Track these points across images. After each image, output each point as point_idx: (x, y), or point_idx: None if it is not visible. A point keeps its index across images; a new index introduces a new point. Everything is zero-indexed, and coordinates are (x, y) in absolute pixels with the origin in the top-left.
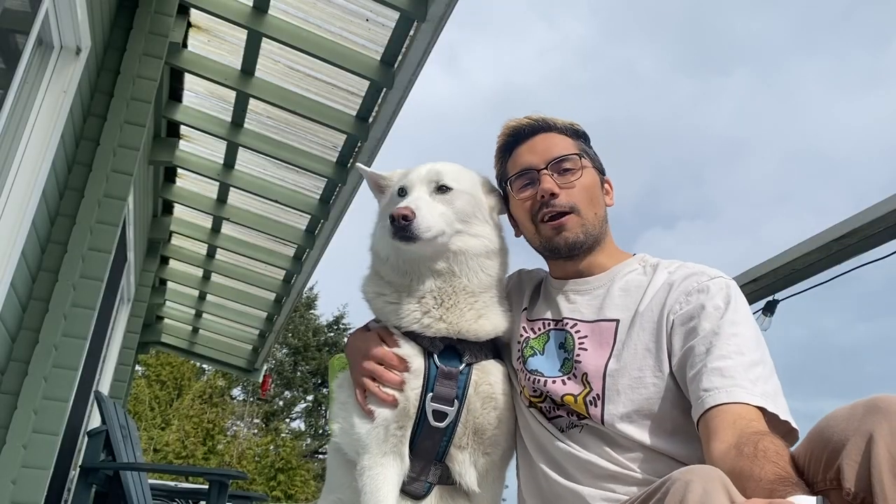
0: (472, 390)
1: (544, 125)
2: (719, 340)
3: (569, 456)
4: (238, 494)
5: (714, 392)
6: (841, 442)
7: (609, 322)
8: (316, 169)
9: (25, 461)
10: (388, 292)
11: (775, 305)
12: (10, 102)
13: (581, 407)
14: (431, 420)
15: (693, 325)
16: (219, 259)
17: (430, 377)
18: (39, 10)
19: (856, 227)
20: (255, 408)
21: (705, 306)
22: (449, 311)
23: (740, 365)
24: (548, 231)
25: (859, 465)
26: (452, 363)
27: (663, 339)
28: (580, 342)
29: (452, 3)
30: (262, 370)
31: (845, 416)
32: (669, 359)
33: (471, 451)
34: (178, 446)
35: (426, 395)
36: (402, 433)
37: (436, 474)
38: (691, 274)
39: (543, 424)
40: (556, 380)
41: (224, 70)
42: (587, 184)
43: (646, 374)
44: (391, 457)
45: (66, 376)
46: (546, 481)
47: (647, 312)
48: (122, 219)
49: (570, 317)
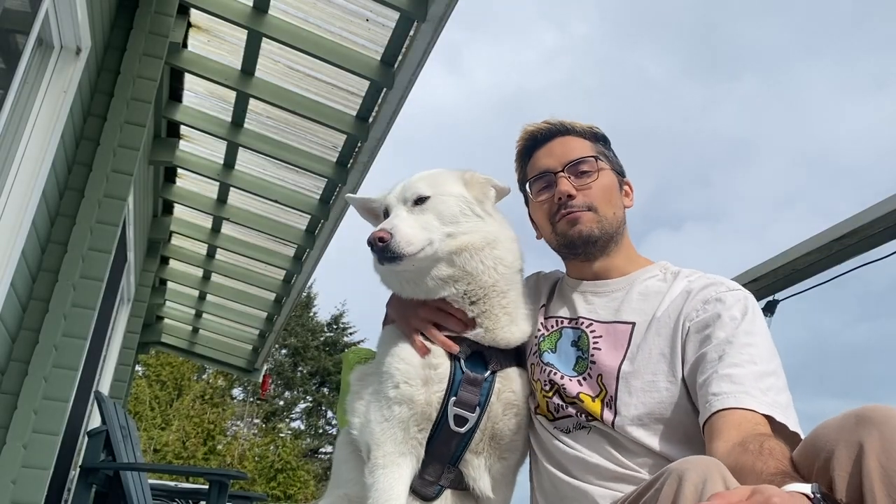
0: (495, 398)
1: (562, 129)
2: (732, 349)
3: (575, 459)
4: (238, 495)
5: (722, 397)
6: (831, 452)
7: (625, 324)
8: (316, 169)
9: (25, 461)
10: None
11: (775, 305)
12: (10, 102)
13: (596, 408)
14: (452, 425)
15: (708, 332)
16: (219, 259)
17: (455, 381)
18: (39, 10)
19: (856, 227)
20: (255, 408)
21: (721, 315)
22: (485, 316)
23: (751, 374)
24: (563, 225)
25: (850, 476)
26: (478, 369)
27: (678, 345)
28: (594, 342)
29: (452, 3)
30: (263, 370)
31: (836, 426)
32: (683, 365)
33: (486, 456)
34: (179, 446)
35: (449, 398)
36: (422, 435)
37: (448, 478)
38: (710, 284)
39: (548, 429)
40: (571, 378)
41: (224, 70)
42: (604, 185)
43: (659, 379)
44: (407, 457)
45: (66, 376)
46: (551, 482)
47: (664, 318)
48: (122, 219)
49: (585, 316)
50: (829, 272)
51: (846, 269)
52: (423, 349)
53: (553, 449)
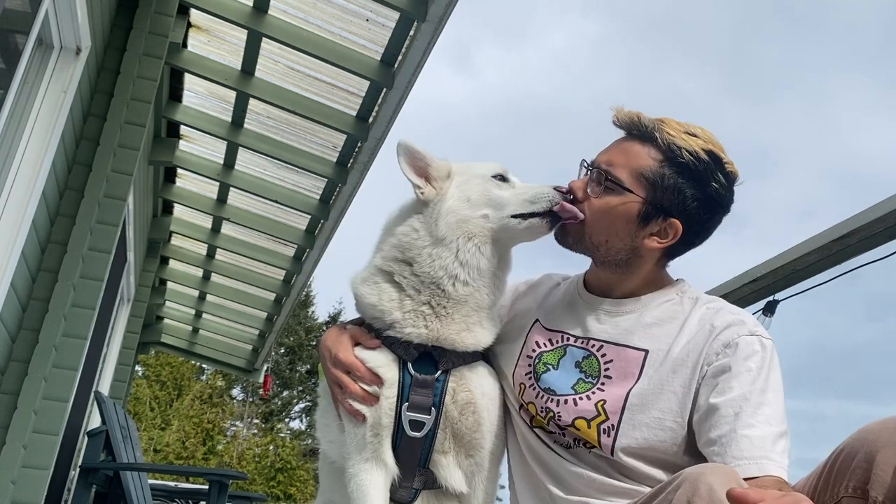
0: (450, 398)
1: (637, 132)
2: (748, 406)
3: (576, 474)
4: (238, 495)
5: (744, 463)
6: (872, 453)
7: (637, 351)
8: (316, 169)
9: (25, 461)
10: (392, 292)
11: (775, 305)
12: (10, 102)
13: (592, 435)
14: (408, 430)
15: (722, 382)
16: (219, 259)
17: (405, 386)
18: (39, 10)
19: (856, 227)
20: (255, 408)
21: (738, 366)
22: (440, 320)
23: (769, 436)
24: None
25: (890, 477)
26: (428, 370)
27: (693, 387)
28: (605, 368)
29: (452, 3)
30: (263, 370)
31: (878, 428)
32: (693, 410)
33: (454, 454)
34: (178, 446)
35: (401, 404)
36: (378, 441)
37: (420, 480)
38: (731, 324)
39: (549, 445)
40: (567, 399)
41: (224, 70)
42: (607, 208)
43: (666, 417)
44: (373, 462)
45: (66, 376)
46: (550, 497)
47: (682, 356)
48: (122, 219)
49: (597, 338)
50: (829, 272)
51: (845, 269)
52: (341, 417)
53: (556, 466)
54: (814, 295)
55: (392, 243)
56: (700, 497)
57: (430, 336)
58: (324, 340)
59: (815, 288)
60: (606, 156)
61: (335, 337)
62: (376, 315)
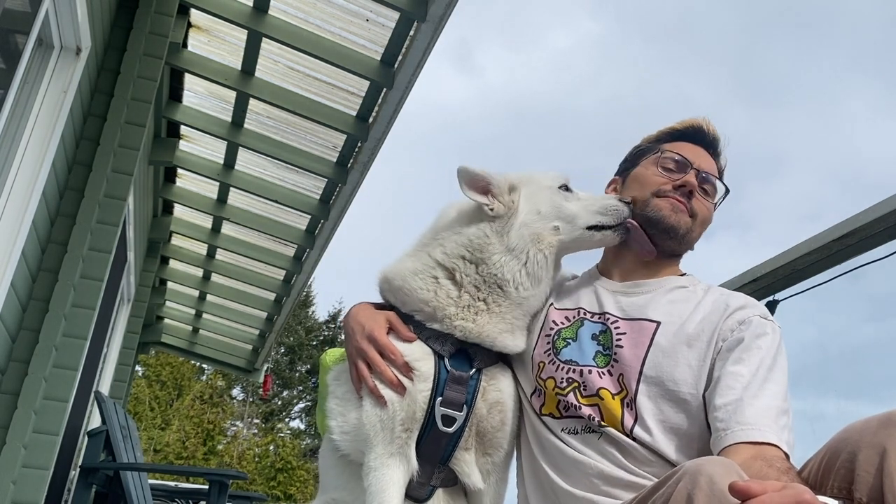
0: (481, 396)
1: (714, 149)
2: (756, 380)
3: (580, 462)
4: (238, 494)
5: (747, 428)
6: (854, 453)
7: (649, 322)
8: (316, 169)
9: (25, 461)
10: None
11: (775, 305)
12: (10, 102)
13: (616, 406)
14: (440, 425)
15: (735, 354)
16: (219, 259)
17: (440, 381)
18: (39, 10)
19: (856, 227)
20: (255, 408)
21: (750, 341)
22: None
23: (774, 408)
24: (666, 205)
25: (873, 477)
26: (463, 367)
27: (708, 361)
28: (618, 339)
29: (452, 3)
30: (263, 370)
31: (860, 428)
32: (708, 382)
33: (474, 451)
34: (179, 447)
35: (435, 398)
36: (408, 436)
37: (439, 478)
38: (746, 305)
39: (556, 433)
40: (591, 369)
41: (224, 70)
42: (711, 213)
43: (682, 389)
44: (397, 458)
45: (66, 376)
46: (552, 488)
47: (697, 331)
48: (122, 219)
49: (612, 312)
50: (829, 272)
51: (845, 269)
52: (359, 397)
53: (554, 450)
54: (814, 295)
55: (460, 242)
56: (700, 490)
57: (474, 331)
58: (355, 314)
59: (815, 288)
60: (706, 164)
61: (370, 314)
62: (424, 308)
